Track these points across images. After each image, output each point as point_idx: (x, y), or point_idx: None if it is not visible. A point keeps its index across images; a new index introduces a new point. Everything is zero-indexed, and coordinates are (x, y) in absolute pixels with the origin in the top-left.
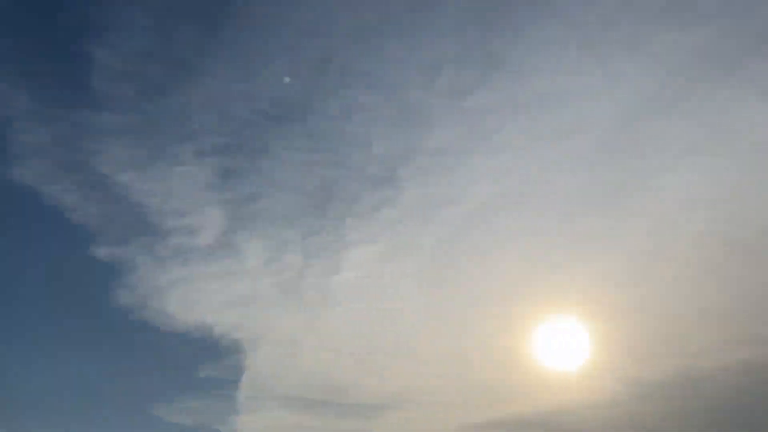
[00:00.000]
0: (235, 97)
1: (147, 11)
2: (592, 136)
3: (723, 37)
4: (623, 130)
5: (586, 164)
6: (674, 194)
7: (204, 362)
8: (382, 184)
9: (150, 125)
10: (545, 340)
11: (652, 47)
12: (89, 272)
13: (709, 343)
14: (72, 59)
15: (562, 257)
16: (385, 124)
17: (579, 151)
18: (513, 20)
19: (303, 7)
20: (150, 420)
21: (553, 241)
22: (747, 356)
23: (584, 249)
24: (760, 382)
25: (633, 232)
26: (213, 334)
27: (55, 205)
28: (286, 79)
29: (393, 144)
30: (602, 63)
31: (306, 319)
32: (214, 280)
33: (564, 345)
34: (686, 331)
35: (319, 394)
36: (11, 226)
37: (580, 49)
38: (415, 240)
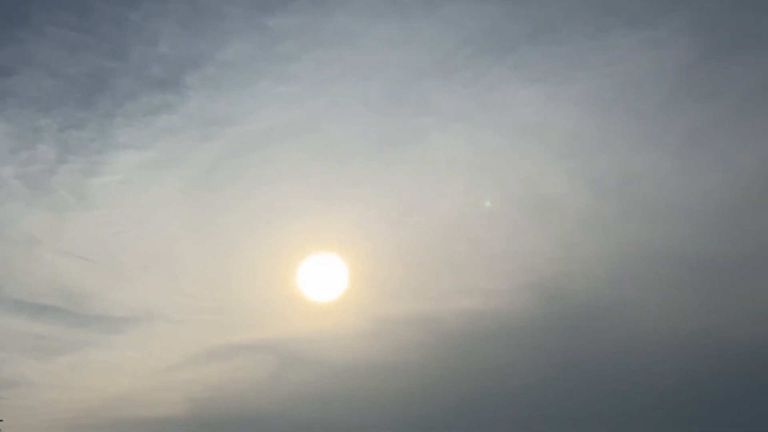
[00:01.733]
0: None
1: None
2: (380, 83)
3: (508, 18)
4: (408, 84)
5: (373, 109)
6: (442, 153)
7: None
8: (163, 87)
9: None
10: (307, 272)
11: (449, 13)
12: None
13: (445, 290)
14: None
15: (332, 196)
16: (175, 23)
17: (365, 95)
18: None
19: None
20: None
21: (326, 179)
22: (470, 305)
23: (353, 191)
24: (478, 326)
25: (399, 182)
26: None
27: None
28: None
29: (182, 47)
30: (403, 16)
31: (53, 219)
32: None
33: (323, 279)
34: (429, 278)
35: (56, 301)
36: None
37: None
38: (190, 154)
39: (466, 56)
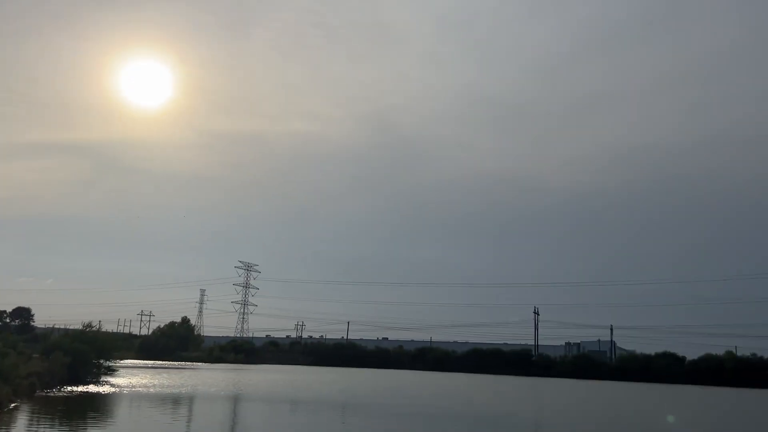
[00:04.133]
0: None
1: None
2: None
3: None
4: None
5: None
6: None
7: None
8: None
9: None
10: (128, 74)
11: None
12: None
13: (279, 110)
14: None
15: None
16: None
17: None
18: None
19: None
20: None
21: None
22: (303, 128)
23: None
24: (308, 150)
25: None
26: None
27: None
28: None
29: None
30: None
31: None
32: None
33: (147, 83)
34: (264, 96)
35: None
36: None
37: None
38: None
39: None
